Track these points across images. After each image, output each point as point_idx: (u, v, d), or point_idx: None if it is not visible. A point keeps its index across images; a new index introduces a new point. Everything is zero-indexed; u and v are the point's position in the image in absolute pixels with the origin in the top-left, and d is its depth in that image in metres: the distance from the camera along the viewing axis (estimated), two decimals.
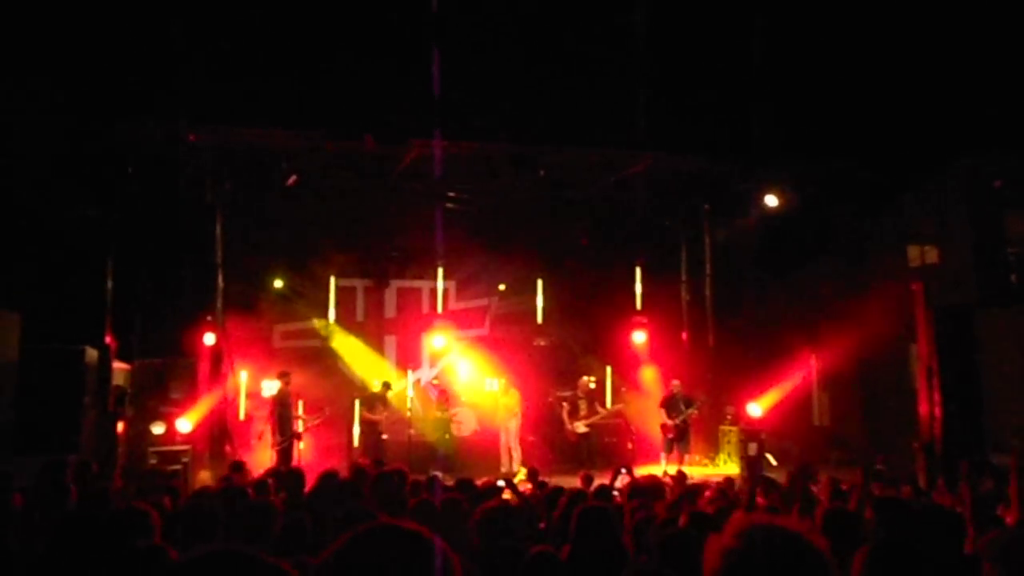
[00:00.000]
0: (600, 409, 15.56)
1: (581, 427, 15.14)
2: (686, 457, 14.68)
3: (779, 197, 15.65)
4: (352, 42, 12.57)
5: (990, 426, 12.40)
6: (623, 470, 8.63)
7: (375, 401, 15.27)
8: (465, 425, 16.28)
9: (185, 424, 13.54)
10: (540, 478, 9.67)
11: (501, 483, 7.87)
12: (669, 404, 14.92)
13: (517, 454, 15.07)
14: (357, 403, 16.04)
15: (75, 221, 12.95)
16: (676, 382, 15.20)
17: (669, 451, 14.74)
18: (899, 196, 16.03)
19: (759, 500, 7.01)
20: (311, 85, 12.68)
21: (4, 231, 12.15)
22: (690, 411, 14.77)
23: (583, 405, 15.37)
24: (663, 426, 14.87)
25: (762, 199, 15.71)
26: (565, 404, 15.54)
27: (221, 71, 12.21)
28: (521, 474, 11.75)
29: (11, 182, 12.08)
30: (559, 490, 7.55)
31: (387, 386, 15.68)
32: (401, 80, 12.71)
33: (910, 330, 13.54)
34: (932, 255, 16.05)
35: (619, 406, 15.89)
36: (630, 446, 16.17)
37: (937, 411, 12.43)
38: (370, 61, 12.69)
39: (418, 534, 1.46)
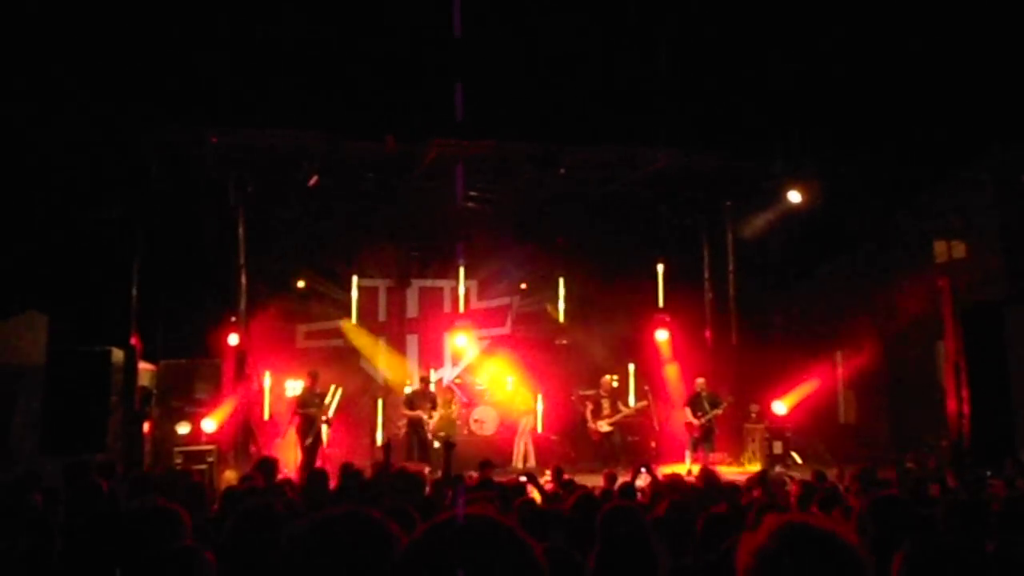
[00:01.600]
0: (623, 408, 15.46)
1: (604, 426, 15.06)
2: (711, 456, 14.58)
3: (803, 193, 15.51)
4: (373, 42, 12.61)
5: (1020, 423, 12.23)
6: (643, 469, 8.58)
7: (423, 400, 14.79)
8: (487, 424, 16.27)
9: (210, 424, 13.64)
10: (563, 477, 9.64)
11: (523, 479, 7.85)
12: (694, 403, 14.84)
13: (530, 451, 15.13)
14: (380, 402, 16.09)
15: (101, 224, 13.09)
16: (701, 380, 15.11)
17: (694, 450, 14.68)
18: (925, 191, 15.84)
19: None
20: (332, 87, 12.75)
21: (31, 234, 12.30)
22: (715, 411, 14.67)
23: (606, 404, 15.28)
24: (687, 425, 14.81)
25: (785, 196, 15.57)
26: (588, 403, 15.46)
27: (243, 73, 12.30)
28: (546, 475, 11.75)
29: (38, 185, 12.23)
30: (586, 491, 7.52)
31: (425, 381, 15.23)
32: (422, 81, 12.74)
33: (937, 327, 13.38)
34: (959, 250, 15.85)
35: (643, 404, 15.80)
36: (653, 444, 16.12)
37: (965, 408, 12.28)
38: (391, 61, 12.73)
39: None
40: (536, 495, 7.30)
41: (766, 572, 1.63)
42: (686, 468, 13.49)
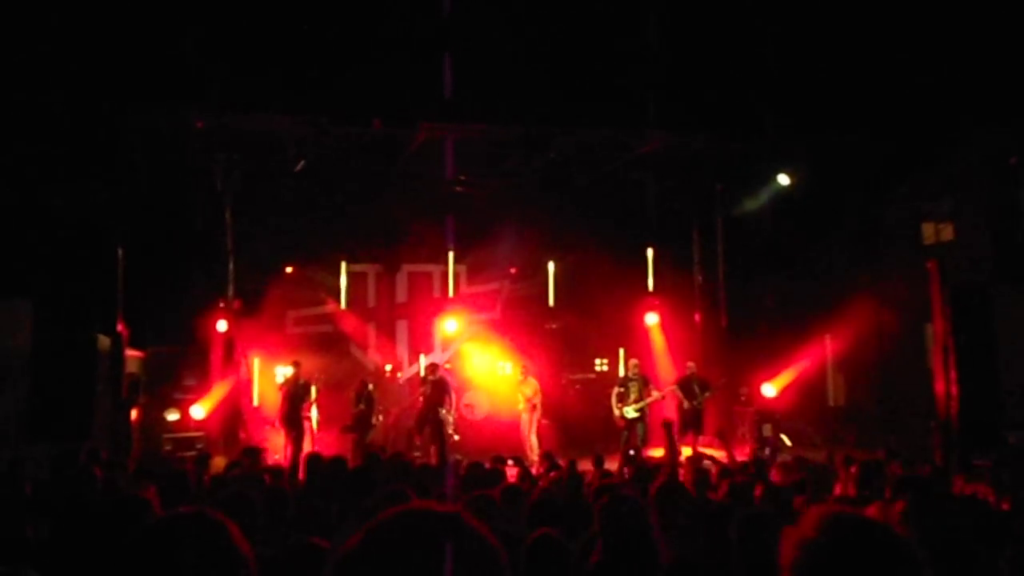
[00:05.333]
0: (655, 392, 14.50)
1: (631, 412, 14.24)
2: (700, 440, 14.49)
3: (792, 176, 15.49)
4: (360, 26, 12.49)
5: (1008, 404, 12.29)
6: (631, 452, 8.57)
7: (441, 391, 14.26)
8: (477, 409, 16.24)
9: (199, 411, 13.58)
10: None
11: (510, 461, 7.84)
12: (685, 386, 14.70)
13: (534, 443, 14.76)
14: (371, 387, 16.06)
15: (85, 210, 12.96)
16: (691, 364, 14.94)
17: (684, 434, 14.53)
18: (913, 174, 15.85)
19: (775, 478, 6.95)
20: (319, 70, 12.63)
21: (16, 220, 12.18)
22: (705, 395, 14.57)
23: (633, 388, 14.45)
24: (679, 408, 14.63)
25: (775, 179, 15.54)
26: (617, 388, 14.56)
27: (228, 57, 12.17)
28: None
29: (21, 171, 12.10)
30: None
31: (433, 368, 14.63)
32: (410, 64, 12.63)
33: (926, 308, 13.41)
34: (947, 233, 15.89)
35: (671, 388, 15.02)
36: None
37: (953, 390, 12.31)
38: (378, 45, 12.62)
39: (455, 516, 1.36)
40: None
41: (815, 566, 1.57)
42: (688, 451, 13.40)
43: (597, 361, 17.30)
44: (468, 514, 1.37)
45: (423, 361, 16.70)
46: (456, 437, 14.25)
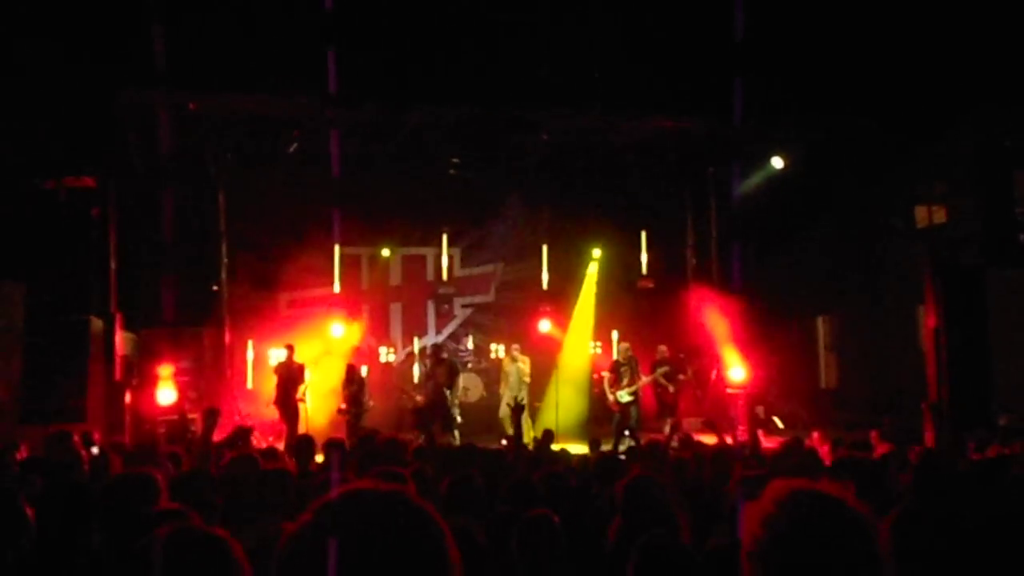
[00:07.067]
0: (644, 377, 14.52)
1: (625, 396, 14.24)
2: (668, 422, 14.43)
3: (785, 159, 15.49)
4: (353, 5, 12.39)
5: (999, 386, 12.36)
6: (626, 432, 8.62)
7: (450, 373, 14.25)
8: (472, 392, 16.27)
9: (193, 394, 13.57)
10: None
11: (504, 442, 7.88)
12: (666, 371, 14.63)
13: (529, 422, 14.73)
14: (365, 370, 16.05)
15: (77, 192, 12.90)
16: (663, 347, 14.88)
17: (660, 418, 14.45)
18: (907, 156, 15.85)
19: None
20: (312, 51, 12.53)
21: (7, 203, 12.11)
22: (681, 377, 14.53)
23: (626, 372, 14.47)
24: (664, 393, 14.63)
25: (768, 162, 15.54)
26: (606, 374, 14.71)
27: (220, 38, 12.08)
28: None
29: (11, 152, 12.02)
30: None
31: (438, 350, 14.62)
32: (403, 44, 12.56)
33: (918, 291, 13.46)
34: (940, 215, 15.91)
35: (664, 369, 15.10)
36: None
37: (945, 371, 12.39)
38: (371, 25, 12.53)
39: (398, 494, 1.36)
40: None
41: (777, 542, 1.60)
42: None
43: (590, 344, 17.30)
44: (412, 492, 1.37)
45: (417, 344, 16.71)
46: (459, 420, 14.24)
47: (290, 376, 13.69)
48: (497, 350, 17.28)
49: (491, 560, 3.58)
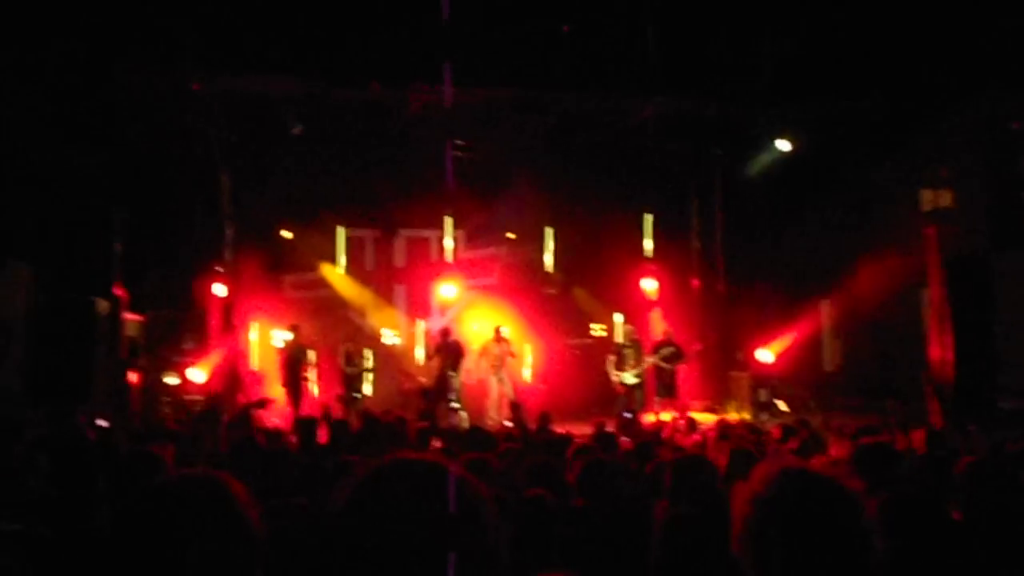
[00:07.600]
0: (648, 358, 14.65)
1: (630, 377, 14.36)
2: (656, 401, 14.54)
3: (791, 141, 15.42)
4: None
5: (1003, 370, 12.36)
6: (626, 414, 8.66)
7: (456, 355, 14.50)
8: (474, 373, 16.28)
9: (198, 374, 13.64)
10: (552, 426, 9.68)
11: (506, 423, 7.92)
12: (667, 354, 14.67)
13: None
14: (371, 353, 16.09)
15: (82, 173, 12.90)
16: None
17: (660, 399, 14.51)
18: (912, 139, 15.76)
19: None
20: (316, 32, 12.49)
21: (13, 182, 12.12)
22: (677, 361, 14.61)
23: (630, 354, 14.60)
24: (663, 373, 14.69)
25: (774, 144, 15.47)
26: (611, 356, 14.83)
27: (225, 19, 12.04)
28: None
29: (18, 133, 12.02)
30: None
31: (445, 333, 14.87)
32: (408, 25, 12.49)
33: (923, 275, 13.44)
34: (946, 199, 15.83)
35: (669, 350, 15.13)
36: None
37: (949, 355, 12.40)
38: (377, 7, 12.47)
39: (435, 464, 1.38)
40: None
41: (765, 520, 1.62)
42: (654, 416, 13.49)
43: (594, 326, 17.30)
44: (452, 464, 1.39)
45: (421, 326, 16.71)
46: (455, 405, 14.28)
47: (295, 357, 13.76)
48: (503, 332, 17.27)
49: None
